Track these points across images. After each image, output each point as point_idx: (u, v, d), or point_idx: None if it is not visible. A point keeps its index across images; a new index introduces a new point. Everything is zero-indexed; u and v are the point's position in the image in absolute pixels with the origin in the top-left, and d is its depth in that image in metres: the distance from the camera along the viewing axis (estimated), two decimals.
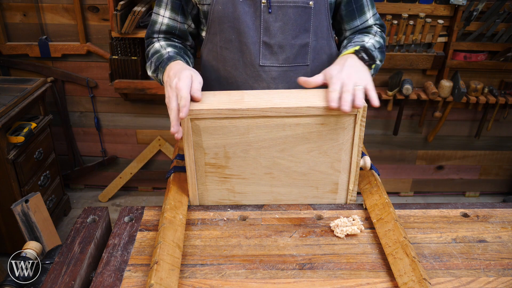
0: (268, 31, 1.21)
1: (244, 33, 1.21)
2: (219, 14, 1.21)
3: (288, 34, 1.21)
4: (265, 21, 1.20)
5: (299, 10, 1.20)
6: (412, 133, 2.79)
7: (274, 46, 1.22)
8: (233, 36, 1.22)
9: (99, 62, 2.57)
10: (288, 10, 1.19)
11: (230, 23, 1.21)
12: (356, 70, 1.08)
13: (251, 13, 1.19)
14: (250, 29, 1.20)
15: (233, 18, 1.20)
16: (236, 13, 1.19)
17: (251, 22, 1.20)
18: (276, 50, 1.23)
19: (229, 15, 1.20)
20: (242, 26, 1.20)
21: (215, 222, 1.07)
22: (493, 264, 0.94)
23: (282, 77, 1.26)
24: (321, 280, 0.90)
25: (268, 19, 1.19)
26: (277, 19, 1.20)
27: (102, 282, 0.88)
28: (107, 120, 2.76)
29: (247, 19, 1.19)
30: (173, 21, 1.28)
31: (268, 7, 1.18)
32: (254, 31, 1.21)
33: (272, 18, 1.19)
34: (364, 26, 1.32)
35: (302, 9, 1.20)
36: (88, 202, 2.89)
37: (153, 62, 1.22)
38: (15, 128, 2.19)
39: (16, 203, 1.01)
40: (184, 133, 1.02)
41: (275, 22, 1.20)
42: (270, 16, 1.19)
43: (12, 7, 2.43)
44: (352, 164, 1.09)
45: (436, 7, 2.34)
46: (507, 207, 1.13)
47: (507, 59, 2.45)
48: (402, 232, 0.95)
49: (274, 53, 1.23)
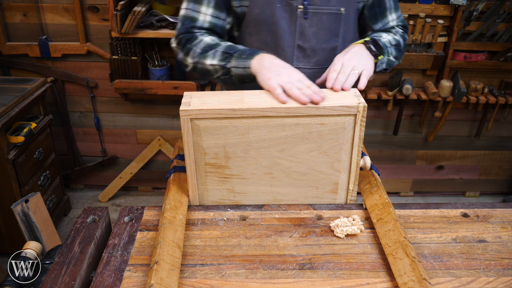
0: (303, 36, 1.27)
1: (280, 36, 1.26)
2: (256, 17, 1.26)
3: (320, 39, 1.28)
4: (301, 26, 1.26)
5: (332, 16, 1.26)
6: (412, 133, 2.79)
7: (307, 50, 1.28)
8: (269, 39, 1.28)
9: (99, 62, 2.57)
10: (322, 17, 1.26)
11: (267, 26, 1.26)
12: (358, 56, 1.17)
13: (287, 18, 1.25)
14: (286, 33, 1.26)
15: (271, 22, 1.25)
16: (273, 17, 1.24)
17: (287, 27, 1.25)
18: (309, 53, 1.29)
19: (266, 19, 1.25)
20: (278, 30, 1.25)
21: (215, 222, 1.07)
22: (493, 264, 0.94)
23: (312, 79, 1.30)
24: (321, 280, 0.90)
25: (303, 24, 1.25)
26: (312, 25, 1.26)
27: (102, 282, 0.88)
28: (107, 120, 2.76)
29: (284, 24, 1.25)
30: (216, 19, 1.28)
31: (304, 13, 1.24)
32: (290, 35, 1.26)
33: (307, 24, 1.25)
34: (386, 28, 1.38)
35: (335, 16, 1.26)
36: (88, 202, 2.89)
37: (219, 50, 1.22)
38: (15, 128, 2.18)
39: (16, 203, 1.01)
40: (184, 133, 1.02)
41: (310, 27, 1.26)
42: (306, 21, 1.25)
43: (12, 7, 2.43)
44: (352, 164, 1.09)
45: (436, 7, 2.34)
46: (507, 207, 1.13)
47: (507, 59, 2.45)
48: (402, 232, 0.95)
49: (306, 56, 1.29)
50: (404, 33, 1.41)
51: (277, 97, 1.04)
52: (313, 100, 1.02)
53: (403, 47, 1.37)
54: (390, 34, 1.35)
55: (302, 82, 1.08)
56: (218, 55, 1.22)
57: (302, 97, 1.02)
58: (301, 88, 1.05)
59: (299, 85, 1.06)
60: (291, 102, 1.03)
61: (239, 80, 1.22)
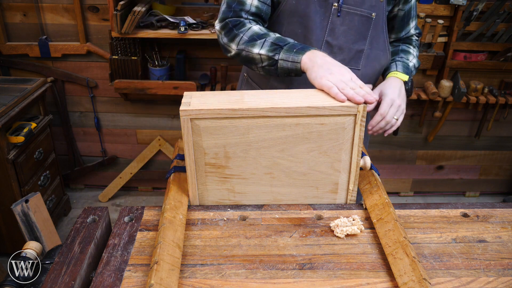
0: (333, 33, 1.30)
1: (311, 30, 1.28)
2: (291, 7, 1.27)
3: (349, 38, 1.31)
4: (332, 23, 1.28)
5: (363, 19, 1.30)
6: (412, 133, 2.79)
7: (335, 47, 1.31)
8: (299, 31, 1.29)
9: (99, 62, 2.57)
10: (354, 17, 1.29)
11: (299, 18, 1.28)
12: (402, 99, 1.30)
13: (321, 13, 1.27)
14: (317, 27, 1.28)
15: (304, 14, 1.27)
16: (307, 10, 1.27)
17: (319, 21, 1.28)
18: (335, 51, 1.31)
19: (300, 11, 1.27)
20: (310, 23, 1.27)
21: (215, 222, 1.07)
22: (493, 264, 0.94)
23: None
24: (321, 280, 0.90)
25: (335, 21, 1.28)
26: (343, 23, 1.29)
27: (102, 282, 0.88)
28: (107, 120, 2.76)
29: (316, 18, 1.27)
30: (262, 4, 1.28)
31: (338, 11, 1.27)
32: (321, 30, 1.29)
33: (339, 22, 1.29)
34: (407, 36, 1.48)
35: (366, 19, 1.30)
36: (88, 202, 2.89)
37: (268, 41, 1.21)
38: (15, 128, 2.18)
39: (16, 203, 1.01)
40: (184, 133, 1.02)
41: (341, 25, 1.29)
42: (338, 19, 1.28)
43: (12, 7, 2.43)
44: (352, 164, 1.09)
45: (436, 7, 2.34)
46: (507, 207, 1.13)
47: (507, 59, 2.45)
48: (402, 232, 0.95)
49: (333, 53, 1.31)
50: (418, 40, 1.51)
51: (335, 96, 1.04)
52: (367, 100, 1.02)
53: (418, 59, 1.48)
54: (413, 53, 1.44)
55: (355, 81, 1.08)
56: (267, 45, 1.21)
57: (356, 96, 1.02)
58: (354, 87, 1.05)
59: (352, 85, 1.06)
60: (290, 102, 1.03)
61: (284, 73, 1.21)
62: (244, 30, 1.25)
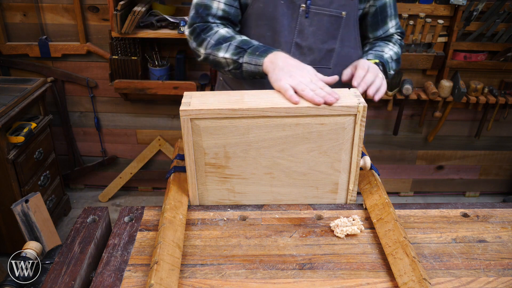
0: (302, 34, 1.28)
1: (280, 32, 1.28)
2: (258, 10, 1.27)
3: (318, 39, 1.29)
4: (301, 24, 1.27)
5: (332, 18, 1.28)
6: (412, 133, 2.79)
7: (304, 48, 1.30)
8: (267, 34, 1.29)
9: (99, 62, 2.57)
10: (323, 18, 1.27)
11: (267, 20, 1.27)
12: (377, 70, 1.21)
13: (289, 15, 1.26)
14: (286, 29, 1.28)
15: (271, 17, 1.26)
16: (275, 12, 1.26)
17: (287, 23, 1.27)
18: (305, 52, 1.30)
19: (268, 14, 1.26)
20: (278, 25, 1.27)
21: (215, 222, 1.07)
22: (493, 264, 0.94)
23: None
24: (321, 280, 0.90)
25: (303, 23, 1.27)
26: (312, 24, 1.28)
27: (102, 282, 0.88)
28: (107, 120, 2.76)
29: (284, 20, 1.26)
30: (229, 7, 1.29)
31: (306, 12, 1.25)
32: (289, 32, 1.28)
33: (307, 23, 1.27)
34: (386, 35, 1.41)
35: (335, 18, 1.28)
36: (88, 202, 2.89)
37: (233, 44, 1.22)
38: (15, 128, 2.18)
39: (16, 203, 1.01)
40: (184, 133, 1.02)
41: (310, 26, 1.28)
42: (306, 20, 1.27)
43: (12, 7, 2.43)
44: (352, 164, 1.09)
45: (436, 7, 2.34)
46: (507, 207, 1.13)
47: (507, 59, 2.45)
48: (402, 232, 0.95)
49: (303, 54, 1.30)
50: (401, 40, 1.44)
51: (289, 98, 1.03)
52: (326, 101, 1.01)
53: (400, 57, 1.42)
54: (390, 47, 1.38)
55: (316, 83, 1.07)
56: (231, 48, 1.22)
57: (315, 98, 1.02)
58: (314, 89, 1.05)
59: (312, 86, 1.05)
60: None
61: (249, 76, 1.22)
62: (211, 34, 1.26)
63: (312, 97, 1.02)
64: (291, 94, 1.04)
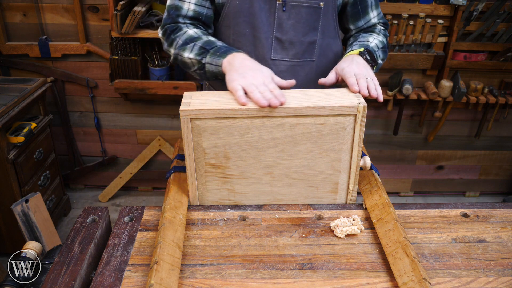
0: (281, 28, 1.28)
1: (259, 28, 1.28)
2: (235, 8, 1.27)
3: (298, 32, 1.29)
4: (279, 18, 1.27)
5: (311, 10, 1.28)
6: (412, 133, 2.79)
7: (285, 42, 1.30)
8: (247, 30, 1.29)
9: (99, 62, 2.57)
10: (300, 10, 1.27)
11: (245, 17, 1.27)
12: (362, 66, 1.18)
13: (266, 10, 1.26)
14: (264, 24, 1.27)
15: (249, 13, 1.26)
16: (252, 9, 1.26)
17: (265, 18, 1.27)
18: (286, 46, 1.30)
19: (245, 11, 1.26)
20: (257, 21, 1.27)
21: (215, 222, 1.07)
22: (493, 264, 0.94)
23: (290, 71, 1.33)
24: (321, 280, 0.90)
25: (282, 16, 1.27)
26: (290, 17, 1.27)
27: (102, 282, 0.88)
28: (107, 120, 2.76)
29: (262, 15, 1.26)
30: (200, 7, 1.29)
31: (283, 5, 1.25)
32: (268, 27, 1.28)
33: (285, 16, 1.27)
34: (368, 25, 1.40)
35: (313, 9, 1.27)
36: (88, 202, 2.89)
37: (197, 44, 1.22)
38: (15, 128, 2.18)
39: (16, 203, 1.01)
40: (184, 133, 1.02)
41: (288, 20, 1.27)
42: (284, 14, 1.27)
43: (12, 7, 2.43)
44: (352, 164, 1.09)
45: (436, 7, 2.34)
46: (507, 207, 1.13)
47: (507, 59, 2.45)
48: (402, 232, 0.95)
49: (284, 48, 1.30)
50: (385, 30, 1.42)
51: (238, 99, 1.03)
52: (271, 104, 1.01)
53: (387, 46, 1.39)
54: (374, 37, 1.35)
55: (266, 85, 1.06)
56: (196, 49, 1.23)
57: (261, 100, 1.01)
58: (263, 91, 1.04)
59: (262, 88, 1.05)
60: (290, 102, 1.03)
61: (212, 76, 1.22)
62: (180, 35, 1.27)
63: (258, 99, 1.02)
64: (239, 95, 1.04)
